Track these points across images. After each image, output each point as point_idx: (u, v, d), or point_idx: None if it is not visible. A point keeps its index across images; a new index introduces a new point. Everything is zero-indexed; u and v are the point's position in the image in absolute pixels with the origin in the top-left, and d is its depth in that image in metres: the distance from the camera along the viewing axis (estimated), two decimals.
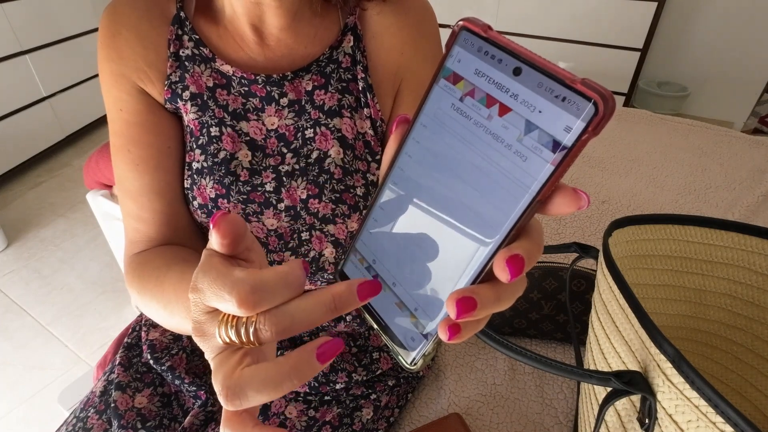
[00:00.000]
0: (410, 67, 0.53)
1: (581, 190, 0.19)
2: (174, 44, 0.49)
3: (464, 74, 0.21)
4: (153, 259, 0.48)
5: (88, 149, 2.47)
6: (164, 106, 0.50)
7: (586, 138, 0.17)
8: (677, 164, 1.23)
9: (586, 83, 0.17)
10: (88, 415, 0.56)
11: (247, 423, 0.22)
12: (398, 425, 0.63)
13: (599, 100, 0.16)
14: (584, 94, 0.17)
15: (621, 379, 0.37)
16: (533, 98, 0.18)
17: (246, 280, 0.21)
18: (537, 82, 0.18)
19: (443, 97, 0.22)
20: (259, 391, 0.21)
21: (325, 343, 0.22)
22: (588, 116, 0.17)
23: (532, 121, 0.18)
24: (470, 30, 0.20)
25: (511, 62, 0.19)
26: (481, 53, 0.20)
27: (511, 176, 0.19)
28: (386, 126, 0.55)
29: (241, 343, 0.22)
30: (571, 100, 0.17)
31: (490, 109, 0.20)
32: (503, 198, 0.20)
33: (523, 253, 0.20)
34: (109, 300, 1.64)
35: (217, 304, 0.22)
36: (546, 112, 0.18)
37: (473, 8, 2.46)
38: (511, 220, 0.20)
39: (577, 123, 0.17)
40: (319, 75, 0.51)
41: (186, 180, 0.51)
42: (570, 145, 0.17)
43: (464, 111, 0.21)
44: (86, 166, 1.16)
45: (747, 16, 2.15)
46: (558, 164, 0.18)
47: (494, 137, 0.20)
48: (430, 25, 0.54)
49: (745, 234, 0.53)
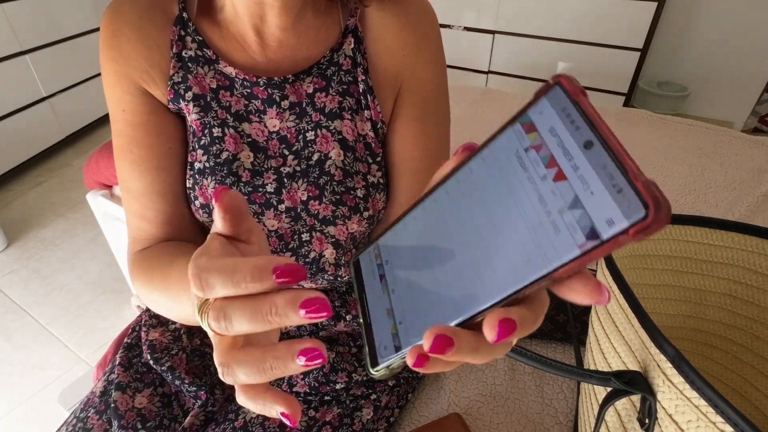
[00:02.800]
0: (411, 69, 0.53)
1: (605, 287, 0.19)
2: (177, 45, 0.49)
3: (540, 127, 0.20)
4: (158, 254, 0.49)
5: (88, 149, 2.47)
6: (167, 106, 0.50)
7: (622, 239, 0.16)
8: (677, 164, 1.23)
9: (647, 185, 0.16)
10: (88, 415, 0.56)
11: (259, 390, 0.24)
12: (398, 425, 0.63)
13: (652, 207, 0.15)
14: (641, 195, 0.16)
15: (621, 379, 0.37)
16: (592, 177, 0.17)
17: (199, 260, 0.23)
18: (602, 164, 0.17)
19: (512, 140, 0.21)
20: (245, 374, 0.22)
21: (311, 349, 0.22)
22: (635, 218, 0.16)
23: (580, 198, 0.18)
24: (563, 88, 0.19)
25: (587, 134, 0.18)
26: (563, 113, 0.19)
27: (537, 243, 0.19)
28: (387, 128, 0.55)
29: (212, 331, 0.23)
30: (627, 195, 0.16)
31: (548, 170, 0.19)
32: (521, 260, 0.19)
33: (518, 320, 0.19)
34: (109, 300, 1.64)
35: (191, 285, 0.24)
36: (597, 196, 0.17)
37: (473, 8, 2.46)
38: (518, 285, 0.19)
39: (621, 220, 0.16)
40: (319, 78, 0.51)
41: (188, 180, 0.51)
42: (605, 239, 0.16)
43: (524, 162, 0.20)
44: (86, 166, 1.16)
45: (747, 16, 2.15)
46: (585, 252, 0.17)
47: (539, 199, 0.19)
48: (431, 27, 0.54)
49: (745, 234, 0.53)
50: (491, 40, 2.50)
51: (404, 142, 0.54)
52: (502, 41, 2.48)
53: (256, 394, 0.24)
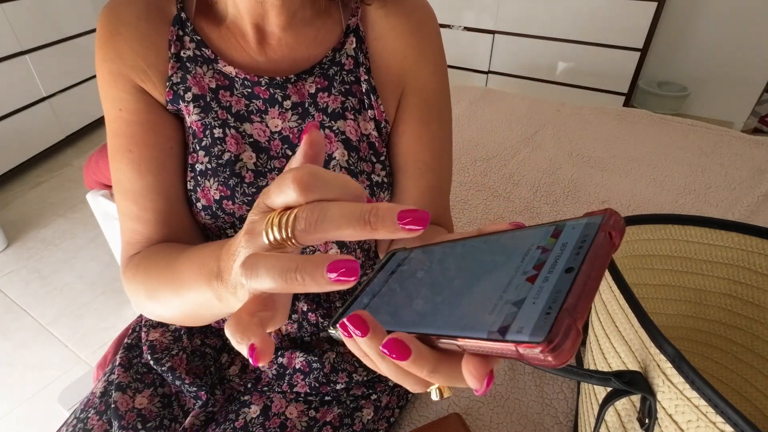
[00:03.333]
0: (414, 70, 0.53)
1: (487, 385, 0.20)
2: (175, 45, 0.49)
3: (560, 238, 0.22)
4: (160, 250, 0.47)
5: (88, 149, 2.47)
6: (165, 107, 0.50)
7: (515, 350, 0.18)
8: (677, 164, 1.23)
9: (567, 326, 0.17)
10: (89, 415, 0.56)
11: (252, 322, 0.23)
12: (398, 425, 0.63)
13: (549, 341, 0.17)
14: (553, 326, 0.17)
15: (621, 379, 0.37)
16: (546, 293, 0.19)
17: (307, 166, 0.23)
18: (560, 288, 0.19)
19: (539, 234, 0.23)
20: (268, 270, 0.22)
21: (342, 260, 0.21)
22: (532, 339, 0.17)
23: (524, 302, 0.19)
24: (604, 221, 0.21)
25: (575, 261, 0.19)
26: (582, 237, 0.21)
27: (477, 310, 0.20)
28: (391, 129, 0.55)
29: (282, 237, 0.23)
30: (547, 320, 0.17)
31: (532, 269, 0.21)
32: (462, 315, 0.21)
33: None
34: (109, 300, 1.64)
35: (277, 196, 0.24)
36: (534, 308, 0.18)
37: (473, 8, 2.46)
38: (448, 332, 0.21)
39: (525, 334, 0.17)
40: (322, 77, 0.51)
41: (189, 182, 0.51)
42: (505, 338, 0.18)
43: (529, 253, 0.22)
44: (86, 166, 1.16)
45: (747, 16, 2.15)
46: (489, 338, 0.19)
47: (509, 284, 0.21)
48: (433, 29, 0.54)
49: (745, 234, 0.53)
50: (491, 40, 2.50)
51: (410, 144, 0.54)
52: (502, 41, 2.48)
53: (247, 324, 0.23)
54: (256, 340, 0.22)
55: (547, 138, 1.36)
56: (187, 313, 0.39)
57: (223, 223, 0.51)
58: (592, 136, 1.37)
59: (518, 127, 1.41)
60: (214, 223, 0.51)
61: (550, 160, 1.25)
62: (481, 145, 1.31)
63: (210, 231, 0.54)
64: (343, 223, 0.22)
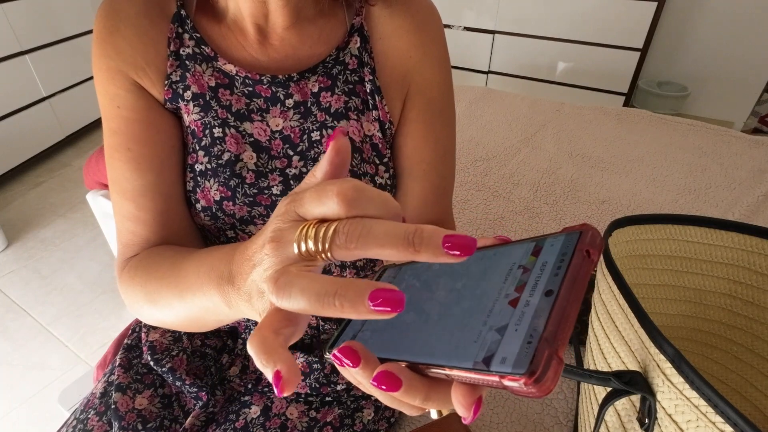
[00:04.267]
0: (418, 69, 0.53)
1: (474, 413, 0.20)
2: (174, 43, 0.48)
3: (540, 256, 0.22)
4: (161, 253, 0.46)
5: (88, 149, 2.47)
6: (164, 105, 0.49)
7: (499, 381, 0.18)
8: (677, 164, 1.23)
9: (548, 356, 0.17)
10: (89, 416, 0.56)
11: (278, 342, 0.22)
12: (399, 425, 0.63)
13: (530, 375, 0.17)
14: (534, 358, 0.17)
15: (621, 379, 0.37)
16: (527, 319, 0.19)
17: (351, 180, 0.23)
18: (541, 314, 0.19)
19: (520, 252, 0.23)
20: (303, 291, 0.21)
21: (384, 289, 0.20)
22: (515, 371, 0.17)
23: (507, 328, 0.19)
24: (582, 238, 0.21)
25: (555, 283, 0.20)
26: (561, 256, 0.21)
27: (462, 339, 0.21)
28: (395, 128, 0.55)
29: (315, 251, 0.22)
30: (529, 350, 0.18)
31: (513, 292, 0.21)
32: (448, 344, 0.21)
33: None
34: (109, 300, 1.64)
35: (313, 206, 0.23)
36: (516, 336, 0.19)
37: (473, 8, 2.46)
38: (435, 361, 0.21)
39: (508, 364, 0.18)
40: (325, 76, 0.51)
41: (188, 182, 0.50)
42: (490, 369, 0.18)
43: (510, 274, 0.22)
44: (86, 166, 1.16)
45: (747, 16, 2.15)
46: (474, 369, 0.19)
47: (491, 309, 0.21)
48: (437, 29, 0.54)
49: (745, 234, 0.53)
50: (491, 40, 2.50)
51: (415, 145, 0.54)
52: (502, 41, 2.48)
53: (272, 345, 0.22)
54: (282, 367, 0.21)
55: (547, 138, 1.36)
56: (190, 318, 0.37)
57: (222, 225, 0.51)
58: (592, 136, 1.37)
59: (518, 127, 1.41)
60: (213, 224, 0.51)
61: (550, 160, 1.25)
62: (481, 145, 1.31)
63: (209, 232, 0.53)
64: (387, 243, 0.21)
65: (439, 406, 0.22)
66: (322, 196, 0.22)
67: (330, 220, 0.23)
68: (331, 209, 0.22)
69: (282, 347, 0.22)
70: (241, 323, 0.60)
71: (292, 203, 0.24)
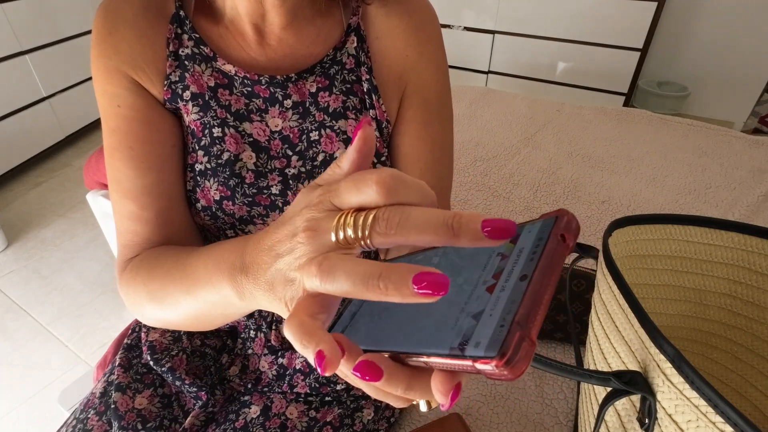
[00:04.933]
0: (415, 69, 0.53)
1: (452, 401, 0.20)
2: (173, 43, 0.48)
3: (518, 242, 0.22)
4: (164, 251, 0.45)
5: (88, 149, 2.47)
6: (164, 105, 0.49)
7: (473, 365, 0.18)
8: (677, 164, 1.23)
9: (519, 338, 0.17)
10: (88, 416, 0.56)
11: (316, 325, 0.22)
12: (398, 425, 0.63)
13: (501, 357, 0.17)
14: (505, 341, 0.17)
15: (621, 379, 0.37)
16: (501, 304, 0.19)
17: (389, 169, 0.23)
18: (515, 298, 0.19)
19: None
20: (348, 273, 0.21)
21: (429, 273, 0.20)
22: (487, 354, 0.17)
23: (483, 314, 0.19)
24: (558, 223, 0.21)
25: (529, 268, 0.19)
26: (536, 242, 0.21)
27: (440, 326, 0.21)
28: (392, 127, 0.55)
29: (354, 238, 0.22)
30: (501, 333, 0.18)
31: (491, 278, 0.21)
32: (426, 332, 0.21)
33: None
34: (109, 300, 1.64)
35: (351, 195, 0.23)
36: (490, 320, 0.19)
37: (473, 8, 2.46)
38: (416, 349, 0.21)
39: (481, 348, 0.18)
40: (323, 77, 0.51)
41: (188, 182, 0.50)
42: (465, 354, 0.18)
43: (489, 261, 0.22)
44: (86, 166, 1.16)
45: (747, 16, 2.15)
46: (450, 354, 0.19)
47: (470, 295, 0.21)
48: (434, 28, 0.54)
49: (745, 234, 0.53)
50: (491, 40, 2.50)
51: (411, 144, 0.54)
52: (502, 41, 2.48)
53: (311, 327, 0.22)
54: (325, 347, 0.21)
55: (547, 138, 1.36)
56: (196, 314, 0.37)
57: (222, 224, 0.51)
58: (592, 136, 1.37)
59: (518, 127, 1.41)
60: (213, 224, 0.51)
61: (550, 160, 1.25)
62: (481, 145, 1.31)
63: (209, 232, 0.54)
64: (428, 228, 0.21)
65: (421, 395, 0.22)
66: (360, 184, 0.23)
67: (367, 209, 0.23)
68: (371, 197, 0.22)
69: (322, 330, 0.22)
70: (241, 323, 0.60)
71: (326, 194, 0.24)
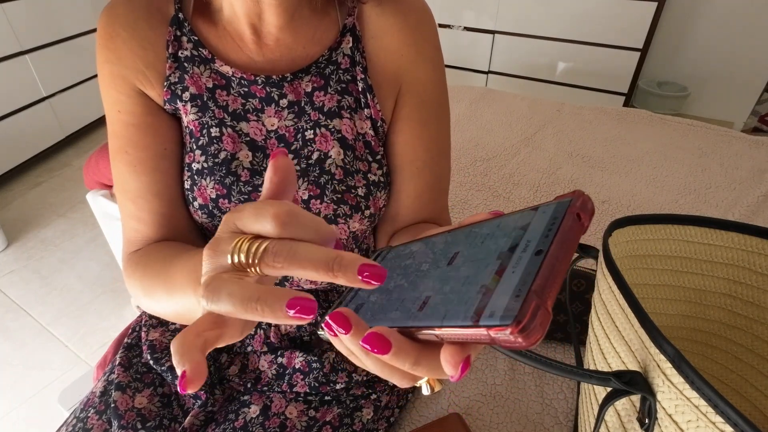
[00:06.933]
0: (410, 68, 0.53)
1: (462, 371, 0.21)
2: (173, 45, 0.49)
3: (531, 222, 0.22)
4: (159, 250, 0.49)
5: (88, 149, 2.47)
6: (163, 107, 0.50)
7: (487, 334, 0.18)
8: (677, 164, 1.23)
9: (535, 306, 0.17)
10: (88, 415, 0.56)
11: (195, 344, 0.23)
12: (398, 425, 0.63)
13: (517, 323, 0.17)
14: (522, 309, 0.17)
15: (621, 379, 0.37)
16: (517, 275, 0.19)
17: (287, 203, 0.24)
18: (530, 270, 0.19)
19: (510, 222, 0.24)
20: (230, 296, 0.23)
21: (301, 298, 0.22)
22: (502, 322, 0.18)
23: (499, 285, 0.20)
24: (574, 203, 0.21)
25: (545, 243, 0.20)
26: (552, 220, 0.21)
27: (458, 300, 0.21)
28: (388, 128, 0.55)
29: (246, 263, 0.24)
30: (516, 302, 0.18)
31: (510, 252, 0.21)
32: (444, 307, 0.21)
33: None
34: (109, 300, 1.64)
35: (250, 222, 0.24)
36: (505, 291, 0.19)
37: (473, 8, 2.46)
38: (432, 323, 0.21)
39: (496, 318, 0.18)
40: (318, 76, 0.51)
41: (186, 181, 0.51)
42: (480, 324, 0.18)
43: (511, 235, 0.22)
44: (86, 166, 1.16)
45: (747, 16, 2.15)
46: (466, 325, 0.19)
47: (489, 270, 0.21)
48: (430, 28, 0.54)
49: (745, 234, 0.53)
50: (491, 40, 2.50)
51: (407, 144, 0.55)
52: (502, 41, 2.48)
53: (189, 346, 0.23)
54: (188, 367, 0.23)
55: (547, 138, 1.36)
56: (179, 314, 0.40)
57: (219, 222, 0.51)
58: (592, 136, 1.37)
59: (518, 127, 1.41)
60: (210, 222, 0.52)
61: (550, 160, 1.25)
62: (481, 145, 1.31)
63: (207, 230, 0.54)
64: (308, 266, 0.22)
65: (429, 371, 0.23)
66: (259, 215, 0.24)
67: (263, 238, 0.24)
68: (265, 228, 0.24)
69: (196, 349, 0.23)
70: None
71: (233, 215, 0.25)
